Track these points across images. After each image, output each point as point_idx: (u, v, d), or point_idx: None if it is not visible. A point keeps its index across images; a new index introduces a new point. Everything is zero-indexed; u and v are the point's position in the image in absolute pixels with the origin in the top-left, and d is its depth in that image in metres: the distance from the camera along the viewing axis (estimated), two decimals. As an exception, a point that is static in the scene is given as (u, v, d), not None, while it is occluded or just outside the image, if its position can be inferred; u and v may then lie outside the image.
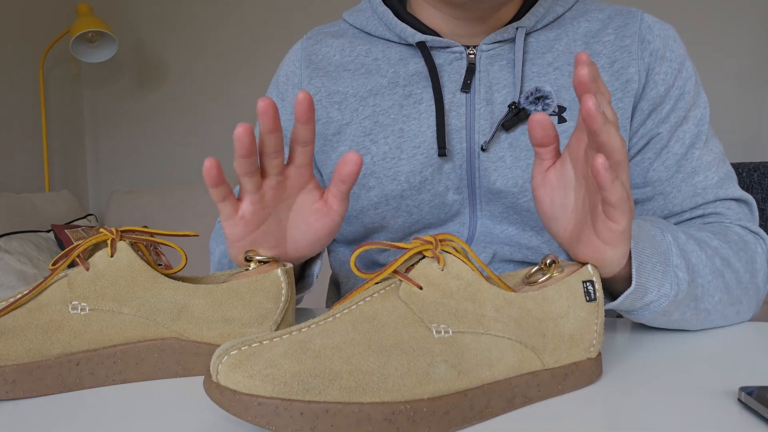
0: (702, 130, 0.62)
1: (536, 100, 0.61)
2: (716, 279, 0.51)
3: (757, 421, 0.33)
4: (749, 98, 2.10)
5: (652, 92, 0.62)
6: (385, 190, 0.64)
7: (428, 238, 0.36)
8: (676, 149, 0.62)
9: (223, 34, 2.67)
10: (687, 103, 0.62)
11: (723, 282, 0.52)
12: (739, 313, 0.55)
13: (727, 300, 0.52)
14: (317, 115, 0.68)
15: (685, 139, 0.62)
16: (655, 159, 0.62)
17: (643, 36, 0.63)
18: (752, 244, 0.57)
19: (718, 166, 0.62)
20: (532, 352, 0.36)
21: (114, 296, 0.41)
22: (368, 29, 0.68)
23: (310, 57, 0.70)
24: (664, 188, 0.62)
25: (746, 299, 0.55)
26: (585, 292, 0.38)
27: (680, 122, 0.62)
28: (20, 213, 2.08)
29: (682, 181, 0.62)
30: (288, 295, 0.44)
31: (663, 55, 0.62)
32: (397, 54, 0.66)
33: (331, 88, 0.67)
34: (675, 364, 0.43)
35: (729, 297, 0.52)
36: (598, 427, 0.32)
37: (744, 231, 0.59)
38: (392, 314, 0.34)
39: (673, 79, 0.62)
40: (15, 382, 0.38)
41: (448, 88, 0.63)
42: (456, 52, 0.64)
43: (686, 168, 0.62)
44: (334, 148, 0.67)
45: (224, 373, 0.30)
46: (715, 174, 0.62)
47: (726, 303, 0.52)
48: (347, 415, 0.29)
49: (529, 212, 0.63)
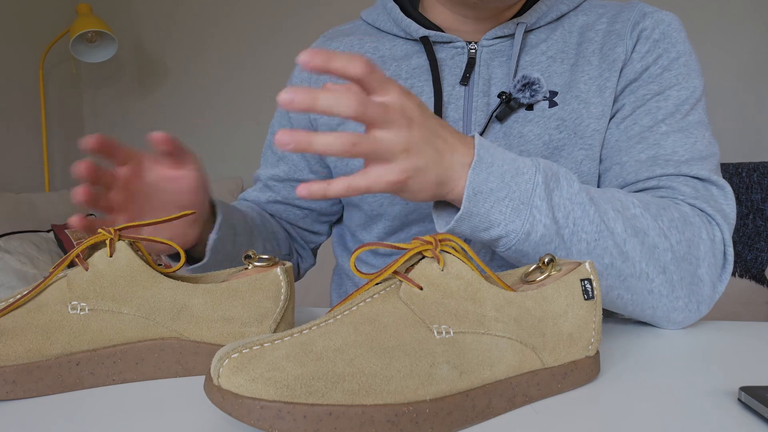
0: (680, 110, 0.60)
1: (523, 87, 0.63)
2: (604, 239, 0.49)
3: (757, 421, 0.33)
4: (749, 98, 2.10)
5: (628, 68, 0.62)
6: None
7: (428, 239, 0.36)
8: (645, 121, 0.60)
9: (223, 34, 2.67)
10: (666, 80, 0.61)
11: (617, 249, 0.50)
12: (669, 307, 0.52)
13: (628, 272, 0.50)
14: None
15: (657, 114, 0.60)
16: (615, 127, 0.62)
17: (637, 20, 0.64)
18: (696, 227, 0.53)
19: (694, 146, 0.59)
20: (532, 351, 0.36)
21: (113, 296, 0.41)
22: (378, 24, 0.72)
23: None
24: (621, 158, 0.61)
25: (681, 286, 0.52)
26: (583, 290, 0.38)
27: (652, 96, 0.61)
28: (20, 213, 2.08)
29: (641, 152, 0.59)
30: (288, 294, 0.44)
31: (650, 35, 0.63)
32: (403, 50, 0.69)
33: (338, 81, 0.70)
34: (675, 363, 0.43)
35: (631, 269, 0.50)
36: (598, 427, 0.32)
37: (693, 211, 0.55)
38: (393, 315, 0.34)
39: (655, 57, 0.62)
40: (15, 382, 0.38)
41: (448, 81, 0.66)
42: (458, 47, 0.66)
43: (649, 140, 0.59)
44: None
45: (226, 376, 0.30)
46: (685, 152, 0.58)
47: (630, 275, 0.50)
48: (351, 417, 0.29)
49: None
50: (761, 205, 1.48)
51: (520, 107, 0.63)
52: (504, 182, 0.46)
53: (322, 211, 0.79)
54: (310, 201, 0.77)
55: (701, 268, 0.53)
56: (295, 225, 0.80)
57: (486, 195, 0.45)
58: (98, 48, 2.45)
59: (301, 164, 0.76)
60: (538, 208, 0.47)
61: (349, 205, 0.74)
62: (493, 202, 0.46)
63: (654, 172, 0.58)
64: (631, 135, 0.61)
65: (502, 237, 0.47)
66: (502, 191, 0.46)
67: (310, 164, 0.76)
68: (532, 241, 0.47)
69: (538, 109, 0.63)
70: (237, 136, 2.70)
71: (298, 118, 0.74)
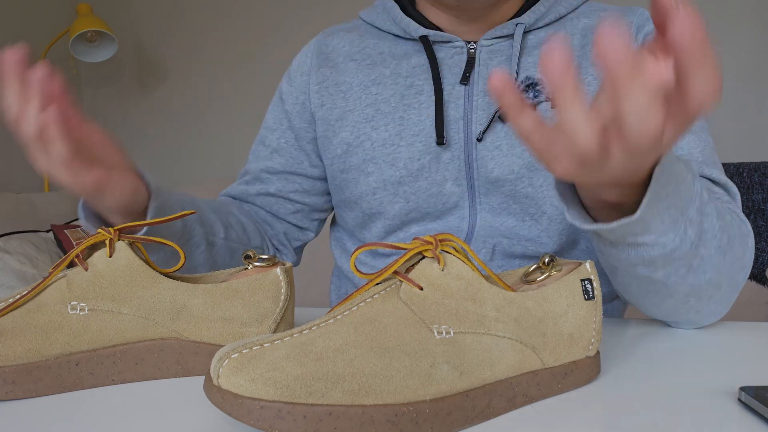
0: None
1: (527, 87, 0.63)
2: (718, 255, 0.45)
3: (757, 421, 0.33)
4: (749, 98, 2.10)
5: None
6: (383, 175, 0.66)
7: (428, 239, 0.36)
8: None
9: (223, 34, 2.67)
10: None
11: (721, 262, 0.46)
12: (709, 312, 0.50)
13: (714, 283, 0.47)
14: (323, 101, 0.70)
15: None
16: None
17: (641, 24, 0.64)
18: (746, 236, 0.52)
19: (704, 150, 0.59)
20: (532, 352, 0.36)
21: (113, 296, 0.41)
22: (378, 24, 0.71)
23: (321, 48, 0.74)
24: None
25: (725, 293, 0.50)
26: (584, 290, 0.38)
27: None
28: (20, 213, 2.08)
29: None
30: (288, 295, 0.44)
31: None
32: (403, 50, 0.69)
33: (338, 78, 0.70)
34: (675, 363, 0.43)
35: (717, 280, 0.47)
36: (598, 427, 0.32)
37: (739, 219, 0.53)
38: (393, 315, 0.34)
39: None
40: (15, 382, 0.38)
41: (448, 80, 0.66)
42: (457, 46, 0.66)
43: None
44: (336, 133, 0.69)
45: (226, 376, 0.30)
46: (699, 155, 0.58)
47: (711, 286, 0.47)
48: (351, 417, 0.29)
49: (528, 198, 0.64)
50: (762, 205, 1.48)
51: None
52: (677, 186, 0.39)
53: (315, 207, 0.78)
54: (304, 195, 0.76)
55: (741, 275, 0.51)
56: (283, 219, 0.77)
57: (660, 200, 0.38)
58: (98, 48, 2.45)
59: (301, 157, 0.74)
60: (692, 221, 0.41)
61: (346, 204, 0.72)
62: (662, 209, 0.39)
63: None
64: None
65: (647, 245, 0.41)
66: (673, 198, 0.39)
67: (310, 158, 0.74)
68: (670, 258, 0.42)
69: (541, 110, 0.63)
70: (237, 136, 2.70)
71: (296, 111, 0.73)
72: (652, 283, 0.45)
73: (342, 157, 0.69)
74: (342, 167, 0.69)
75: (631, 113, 0.29)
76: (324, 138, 0.71)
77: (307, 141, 0.74)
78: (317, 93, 0.71)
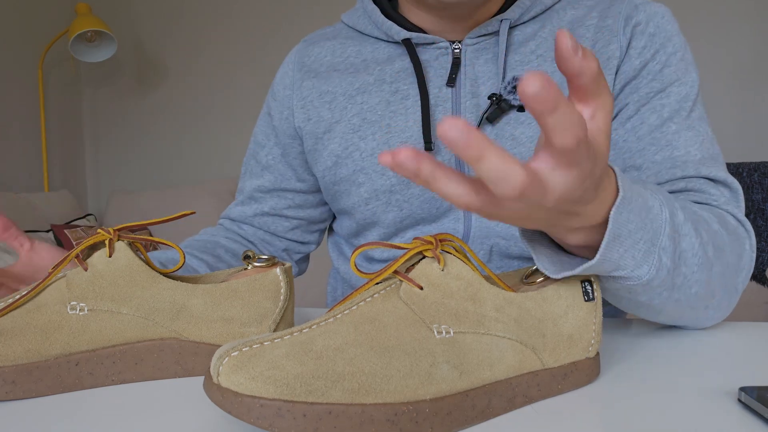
0: (684, 107, 0.59)
1: (514, 88, 0.61)
2: (701, 271, 0.45)
3: (757, 421, 0.33)
4: (749, 98, 2.10)
5: (626, 65, 0.61)
6: (374, 185, 0.65)
7: (428, 238, 0.36)
8: (652, 120, 0.59)
9: (222, 35, 2.67)
10: (667, 76, 0.60)
11: (707, 275, 0.45)
12: (708, 318, 0.50)
13: (703, 295, 0.46)
14: (308, 115, 0.69)
15: (662, 112, 0.59)
16: (620, 127, 0.61)
17: (628, 14, 0.62)
18: (743, 239, 0.52)
19: (702, 145, 0.58)
20: (532, 352, 0.36)
21: (113, 296, 0.41)
22: (359, 27, 0.70)
23: (302, 60, 0.72)
24: (636, 161, 0.60)
25: (722, 299, 0.49)
26: (583, 292, 0.38)
27: (655, 94, 0.60)
28: (20, 213, 2.08)
29: (656, 153, 0.58)
30: (287, 294, 0.44)
31: (644, 30, 0.62)
32: (386, 54, 0.67)
33: (322, 88, 0.69)
34: (675, 364, 0.43)
35: (706, 292, 0.46)
36: (598, 427, 0.32)
37: (736, 222, 0.53)
38: (393, 315, 0.34)
39: (653, 53, 0.61)
40: (14, 382, 0.38)
41: (434, 83, 0.64)
42: (441, 47, 0.64)
43: (660, 141, 0.59)
44: (325, 146, 0.68)
45: (225, 374, 0.30)
46: (698, 151, 0.58)
47: (701, 298, 0.47)
48: (350, 416, 0.29)
49: None
50: (762, 205, 1.48)
51: (511, 108, 0.61)
52: (641, 220, 0.38)
53: (312, 220, 0.77)
54: (298, 209, 0.75)
55: (739, 278, 0.51)
56: (282, 237, 0.77)
57: (624, 238, 0.37)
58: (97, 48, 2.45)
59: (288, 173, 0.74)
60: (665, 249, 0.40)
61: (341, 214, 0.71)
62: (629, 246, 0.38)
63: (674, 174, 0.57)
64: (641, 135, 0.60)
65: (623, 278, 0.40)
66: (639, 233, 0.38)
67: (297, 172, 0.73)
68: (649, 286, 0.41)
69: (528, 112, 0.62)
70: (236, 136, 2.70)
71: (282, 127, 0.72)
72: (640, 304, 0.45)
73: (332, 169, 0.68)
74: (333, 179, 0.68)
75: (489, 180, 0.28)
76: (313, 151, 0.70)
77: (294, 156, 0.73)
78: (302, 108, 0.70)
